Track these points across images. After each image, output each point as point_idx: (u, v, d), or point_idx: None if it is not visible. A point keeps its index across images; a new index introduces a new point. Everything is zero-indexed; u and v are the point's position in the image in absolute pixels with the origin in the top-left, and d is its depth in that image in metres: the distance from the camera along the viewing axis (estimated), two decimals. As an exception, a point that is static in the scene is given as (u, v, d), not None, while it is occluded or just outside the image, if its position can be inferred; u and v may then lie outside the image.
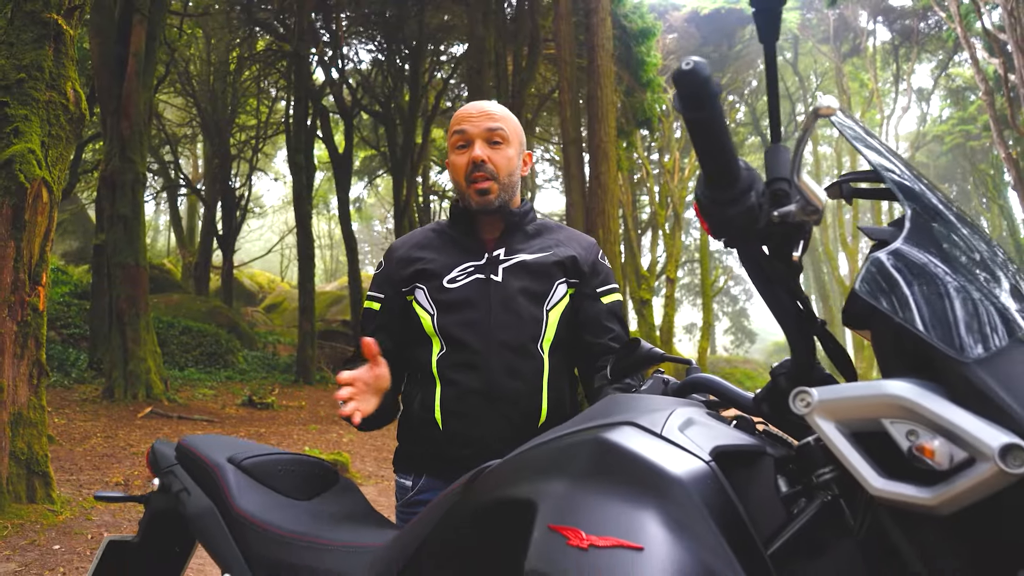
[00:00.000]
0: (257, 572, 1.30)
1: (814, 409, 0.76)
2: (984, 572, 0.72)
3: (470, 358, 1.63)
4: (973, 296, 0.75)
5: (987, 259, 0.81)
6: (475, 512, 1.03)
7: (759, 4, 0.79)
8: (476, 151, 1.68)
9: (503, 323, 1.63)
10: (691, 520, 0.80)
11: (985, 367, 0.70)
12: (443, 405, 1.62)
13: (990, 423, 0.67)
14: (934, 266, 0.76)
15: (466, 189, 1.70)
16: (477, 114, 1.72)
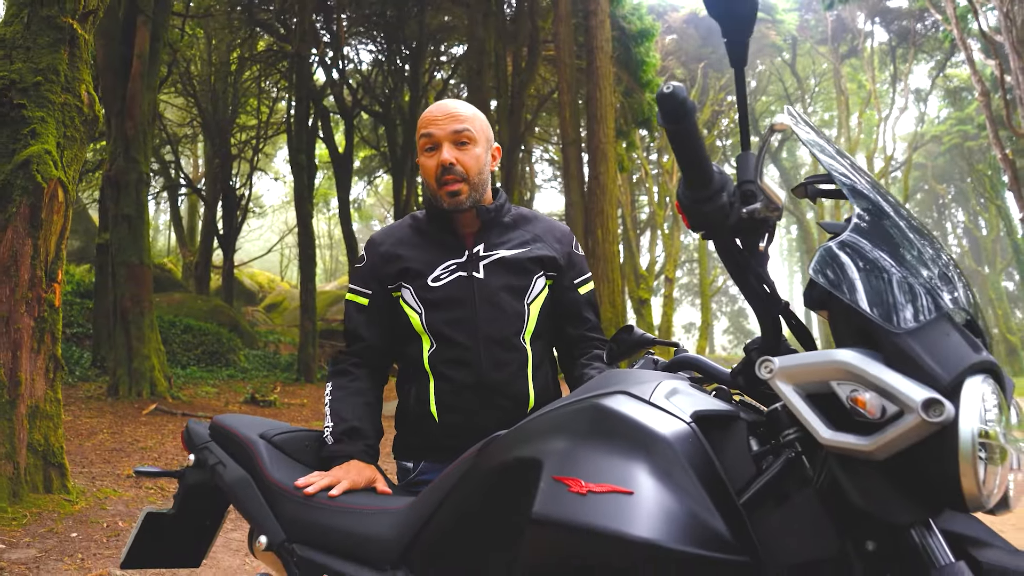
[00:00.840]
0: (289, 532, 1.45)
1: (775, 374, 0.91)
2: (915, 508, 0.86)
3: (460, 354, 1.73)
4: (907, 279, 0.90)
5: (922, 249, 0.96)
6: (487, 474, 1.18)
7: (730, 35, 0.93)
8: (444, 154, 1.73)
9: (488, 318, 1.73)
10: (674, 471, 0.95)
11: (914, 337, 0.85)
12: (438, 399, 1.73)
13: (916, 382, 0.82)
14: (875, 254, 0.91)
15: (437, 191, 1.77)
16: (443, 116, 1.77)
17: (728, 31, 0.95)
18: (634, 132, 20.44)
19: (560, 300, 1.84)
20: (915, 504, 0.86)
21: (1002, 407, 0.87)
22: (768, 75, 35.38)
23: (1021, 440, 0.92)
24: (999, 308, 42.34)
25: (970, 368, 0.84)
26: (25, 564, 3.79)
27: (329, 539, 1.40)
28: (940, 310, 0.88)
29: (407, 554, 1.29)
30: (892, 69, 32.95)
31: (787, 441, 1.00)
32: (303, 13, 17.24)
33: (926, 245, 0.97)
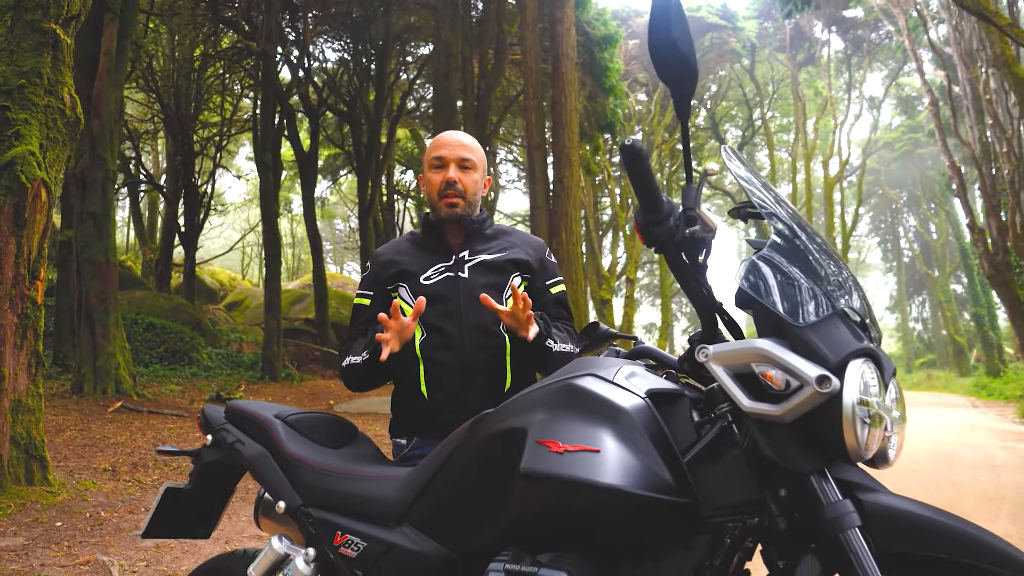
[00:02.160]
0: (305, 497, 1.68)
1: (710, 359, 1.18)
2: (814, 459, 1.14)
3: (447, 340, 2.02)
4: (810, 286, 1.17)
5: (825, 264, 1.24)
6: (480, 442, 1.43)
7: (675, 94, 1.20)
8: (450, 173, 2.08)
9: (471, 311, 2.02)
10: (632, 435, 1.22)
11: (812, 329, 1.13)
12: (427, 379, 2.02)
13: (812, 363, 1.09)
14: (787, 267, 1.19)
15: (438, 201, 2.10)
16: (453, 143, 2.13)
17: (675, 91, 1.22)
18: (598, 136, 20.79)
19: (535, 299, 2.11)
20: (813, 456, 1.13)
21: (880, 384, 1.15)
22: (728, 80, 36.05)
23: (896, 409, 1.20)
24: (948, 310, 43.66)
25: (853, 353, 1.12)
26: (14, 551, 3.94)
27: (341, 502, 1.63)
28: (834, 309, 1.16)
29: (409, 512, 1.53)
30: (847, 77, 33.86)
31: (720, 414, 1.26)
32: (270, 12, 17.26)
33: (829, 261, 1.25)
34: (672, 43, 1.19)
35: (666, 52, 1.20)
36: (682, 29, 1.19)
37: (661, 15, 1.19)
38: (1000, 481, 7.91)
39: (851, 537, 1.10)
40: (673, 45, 1.19)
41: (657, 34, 1.21)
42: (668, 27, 1.19)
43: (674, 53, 1.20)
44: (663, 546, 1.22)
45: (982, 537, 1.11)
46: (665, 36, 1.19)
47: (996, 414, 20.87)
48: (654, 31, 1.21)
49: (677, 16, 1.19)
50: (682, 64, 1.20)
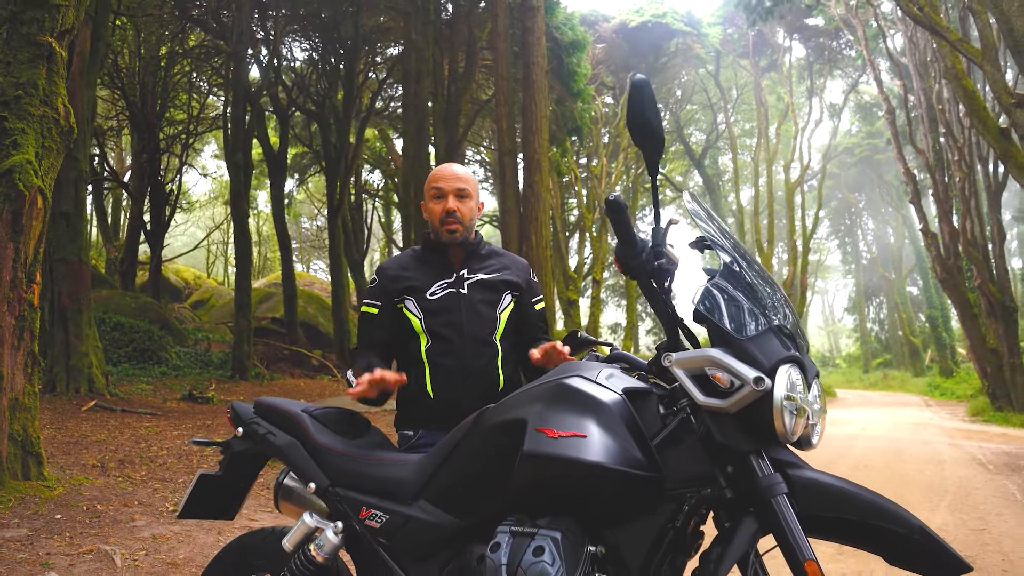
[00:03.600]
0: (333, 479, 1.96)
1: (673, 364, 1.51)
2: (752, 442, 1.46)
3: (450, 347, 2.32)
4: (751, 307, 1.50)
5: (763, 288, 1.57)
6: (484, 432, 1.74)
7: (646, 153, 1.53)
8: (449, 203, 2.38)
9: (471, 322, 2.33)
10: (612, 424, 1.54)
11: (751, 341, 1.46)
12: (433, 382, 2.32)
13: (750, 367, 1.42)
14: (733, 292, 1.52)
15: (439, 228, 2.40)
16: (450, 176, 2.43)
17: (646, 154, 1.55)
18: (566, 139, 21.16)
19: (522, 314, 2.45)
20: (752, 440, 1.47)
21: (804, 383, 1.49)
22: (692, 85, 36.70)
23: (817, 403, 1.53)
24: (904, 312, 44.87)
25: (782, 359, 1.46)
26: (19, 542, 4.15)
27: (364, 483, 1.93)
28: (769, 325, 1.49)
29: (424, 490, 1.84)
30: (808, 83, 34.67)
31: (681, 407, 1.59)
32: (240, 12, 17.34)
33: (766, 285, 1.59)
34: (645, 119, 1.54)
35: (639, 125, 1.55)
36: (652, 108, 1.54)
37: (636, 97, 1.53)
38: (944, 475, 8.40)
39: (780, 502, 1.44)
40: (646, 120, 1.54)
41: (633, 112, 1.55)
42: (642, 107, 1.54)
43: (646, 126, 1.54)
44: (635, 511, 1.54)
45: (883, 503, 1.45)
46: (640, 114, 1.54)
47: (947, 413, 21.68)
48: (631, 109, 1.55)
49: (649, 98, 1.54)
50: (652, 134, 1.55)
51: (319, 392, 16.81)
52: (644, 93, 1.55)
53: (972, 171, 19.95)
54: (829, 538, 1.51)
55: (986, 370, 20.06)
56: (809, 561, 1.39)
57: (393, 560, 1.81)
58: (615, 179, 33.45)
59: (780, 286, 1.66)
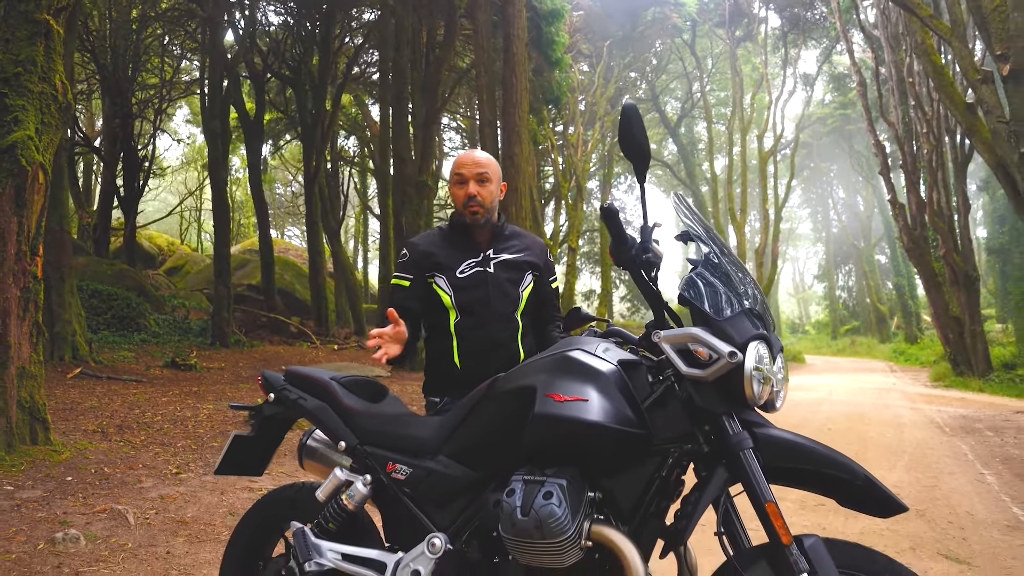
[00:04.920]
0: (361, 438, 2.22)
1: (661, 340, 1.80)
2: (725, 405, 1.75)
3: (477, 322, 2.55)
4: (727, 292, 1.79)
5: (738, 276, 1.86)
6: (498, 397, 2.02)
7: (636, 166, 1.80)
8: (470, 188, 2.57)
9: (496, 299, 2.56)
10: (609, 390, 1.82)
11: (727, 321, 1.74)
12: (460, 353, 2.54)
13: (726, 343, 1.71)
14: (712, 279, 1.80)
15: (463, 211, 2.60)
16: (471, 163, 2.61)
17: (635, 166, 1.83)
18: (543, 108, 21.27)
19: (539, 292, 2.69)
20: (726, 403, 1.76)
21: (770, 357, 1.78)
22: (668, 54, 36.82)
23: (780, 373, 1.82)
24: (871, 280, 45.79)
25: (752, 337, 1.74)
26: (36, 502, 4.39)
27: (390, 441, 2.20)
28: (742, 308, 1.78)
29: (444, 446, 2.11)
30: (783, 54, 34.92)
31: (667, 376, 1.87)
32: (218, -22, 17.15)
33: (740, 273, 1.87)
34: (634, 138, 1.84)
35: (629, 143, 1.85)
36: (640, 128, 1.85)
37: (626, 120, 1.84)
38: (903, 438, 8.88)
39: (747, 455, 1.74)
40: (635, 139, 1.84)
41: (624, 132, 1.85)
42: (631, 128, 1.85)
43: (635, 144, 1.84)
44: (628, 463, 1.83)
45: (834, 455, 1.75)
46: (629, 133, 1.84)
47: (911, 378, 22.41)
48: (622, 130, 1.85)
49: (637, 120, 1.84)
50: (639, 150, 1.84)
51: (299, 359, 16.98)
52: (633, 116, 1.84)
53: (940, 143, 20.41)
54: (789, 485, 1.81)
55: (948, 337, 20.75)
56: (769, 503, 1.69)
57: (417, 507, 2.09)
58: (591, 147, 33.62)
59: (750, 271, 1.94)
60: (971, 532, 4.61)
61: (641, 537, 1.81)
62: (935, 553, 4.14)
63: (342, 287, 26.56)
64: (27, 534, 3.94)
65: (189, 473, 5.42)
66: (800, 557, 1.65)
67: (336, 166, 30.46)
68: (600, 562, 1.81)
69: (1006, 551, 4.22)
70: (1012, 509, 5.24)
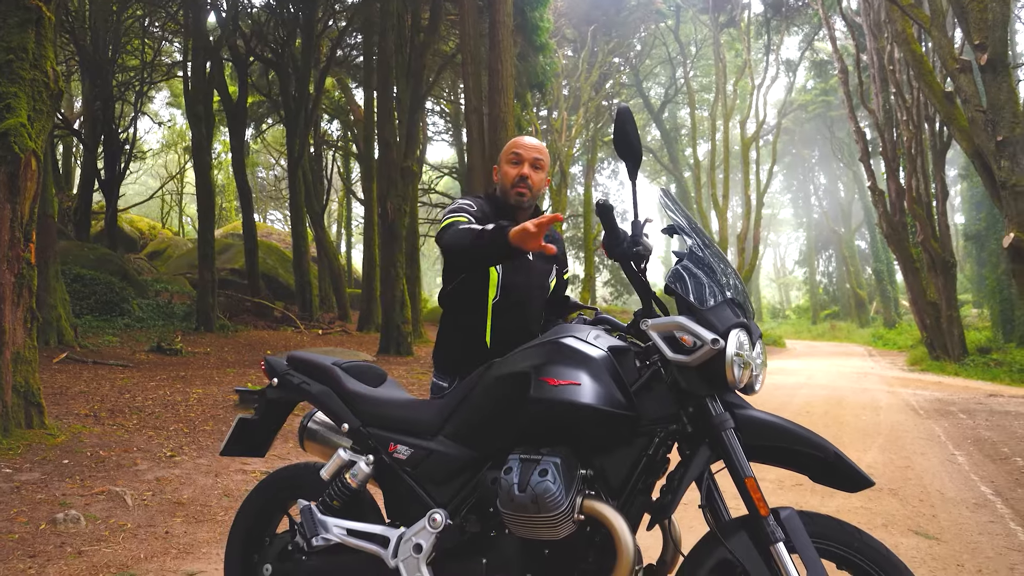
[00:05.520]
0: (363, 420, 2.34)
1: (648, 328, 1.93)
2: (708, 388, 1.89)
3: (514, 307, 2.61)
4: (711, 283, 1.92)
5: (720, 267, 1.98)
6: (493, 381, 2.14)
7: (628, 166, 1.92)
8: (525, 170, 2.62)
9: (532, 287, 2.66)
10: (599, 374, 1.95)
11: (710, 311, 1.88)
12: (493, 334, 2.60)
13: (709, 331, 1.84)
14: (696, 271, 1.93)
15: (510, 191, 2.62)
16: (530, 147, 2.66)
17: (627, 164, 1.95)
18: (527, 93, 21.30)
19: (557, 283, 2.80)
20: (708, 386, 1.89)
21: (750, 343, 1.91)
22: (652, 40, 36.87)
23: (759, 359, 1.96)
24: (851, 265, 46.28)
25: (733, 325, 1.87)
26: (35, 484, 4.48)
27: (390, 423, 2.32)
28: (724, 298, 1.91)
29: (443, 427, 2.24)
30: (766, 40, 35.07)
31: (653, 361, 2.00)
32: (199, -41, 16.99)
33: (722, 264, 2.00)
34: (628, 140, 1.96)
35: (624, 144, 1.97)
36: (634, 131, 1.97)
37: (621, 123, 1.96)
38: (879, 420, 9.11)
39: (728, 435, 1.87)
40: (628, 141, 1.96)
41: (618, 134, 1.97)
42: (625, 130, 1.96)
43: (628, 145, 1.96)
44: (617, 442, 1.96)
45: (807, 434, 1.89)
46: (624, 135, 1.95)
47: (888, 362, 22.79)
48: (617, 132, 1.97)
49: (631, 123, 1.96)
50: (632, 151, 1.96)
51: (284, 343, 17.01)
52: (627, 120, 1.97)
53: (919, 131, 20.67)
54: (766, 462, 1.95)
55: (925, 322, 21.11)
56: (748, 478, 1.83)
57: (418, 485, 2.21)
58: (575, 133, 33.69)
59: (730, 259, 2.07)
60: (941, 510, 4.80)
61: (629, 511, 1.94)
62: (906, 529, 4.33)
63: (326, 272, 26.57)
64: (28, 515, 4.03)
65: (183, 456, 5.52)
66: (776, 527, 1.79)
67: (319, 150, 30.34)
68: (591, 534, 1.94)
69: (973, 527, 4.42)
70: (980, 488, 5.45)
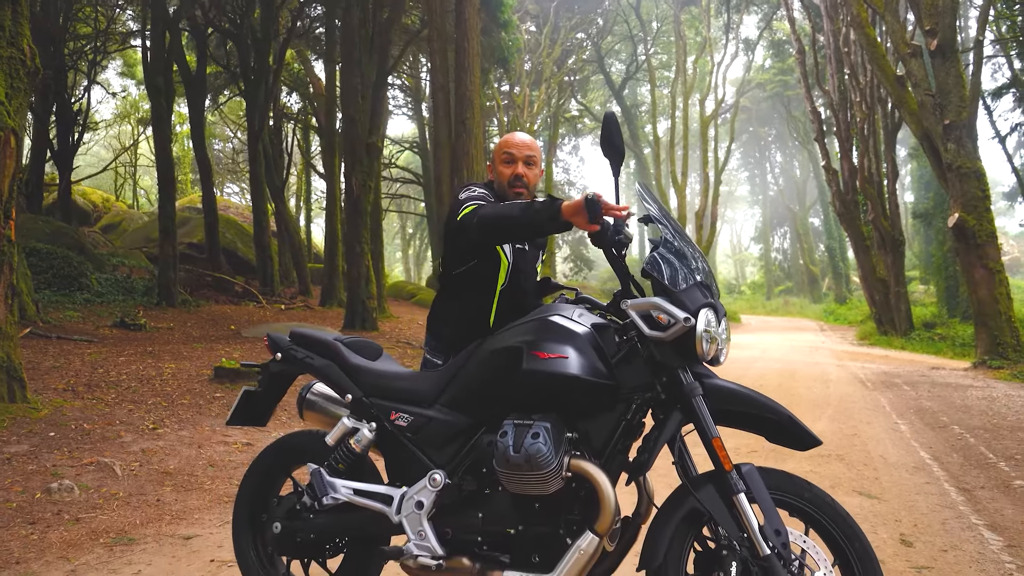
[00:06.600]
0: (365, 391, 2.55)
1: (628, 307, 2.18)
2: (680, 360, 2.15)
3: (516, 292, 2.79)
4: (683, 268, 2.17)
5: (690, 252, 2.24)
6: (488, 355, 2.37)
7: (612, 163, 2.15)
8: (519, 168, 2.77)
9: (527, 274, 2.85)
10: (584, 348, 2.20)
11: (682, 292, 2.14)
12: (497, 316, 2.76)
13: (681, 310, 2.10)
14: (670, 256, 2.18)
15: (508, 190, 2.77)
16: (521, 144, 2.81)
17: (611, 162, 2.18)
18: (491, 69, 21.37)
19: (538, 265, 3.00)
20: (680, 359, 2.15)
21: (716, 321, 2.17)
22: (614, 16, 37.02)
23: (724, 334, 2.22)
24: (805, 242, 47.37)
25: (702, 305, 2.13)
26: (25, 456, 4.61)
27: (391, 393, 2.54)
28: (695, 281, 2.17)
29: (440, 396, 2.47)
30: (726, 18, 35.47)
31: (631, 337, 2.26)
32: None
33: (692, 250, 2.26)
34: (613, 141, 2.18)
35: (609, 145, 2.19)
36: (618, 133, 2.19)
37: (607, 126, 2.18)
38: (829, 392, 9.57)
39: (697, 401, 2.14)
40: (613, 142, 2.18)
41: (605, 136, 2.19)
42: (610, 133, 2.18)
43: (613, 145, 2.18)
44: (599, 409, 2.22)
45: (765, 400, 2.17)
46: (609, 137, 2.17)
47: (839, 337, 23.57)
48: (603, 134, 2.19)
49: (616, 126, 2.19)
50: (616, 151, 2.19)
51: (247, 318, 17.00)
52: (613, 124, 2.20)
53: (872, 112, 21.26)
54: (730, 425, 2.22)
55: (874, 298, 21.88)
56: (715, 438, 2.11)
57: (418, 449, 2.45)
58: (537, 109, 33.80)
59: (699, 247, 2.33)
60: (883, 473, 5.19)
61: (610, 469, 2.20)
62: (851, 490, 4.70)
63: (286, 246, 26.43)
64: (23, 484, 4.18)
65: (165, 428, 5.67)
66: (739, 480, 2.08)
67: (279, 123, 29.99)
68: (576, 490, 2.20)
69: (911, 488, 4.81)
70: (920, 453, 5.87)
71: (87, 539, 3.60)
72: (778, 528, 2.05)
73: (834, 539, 2.09)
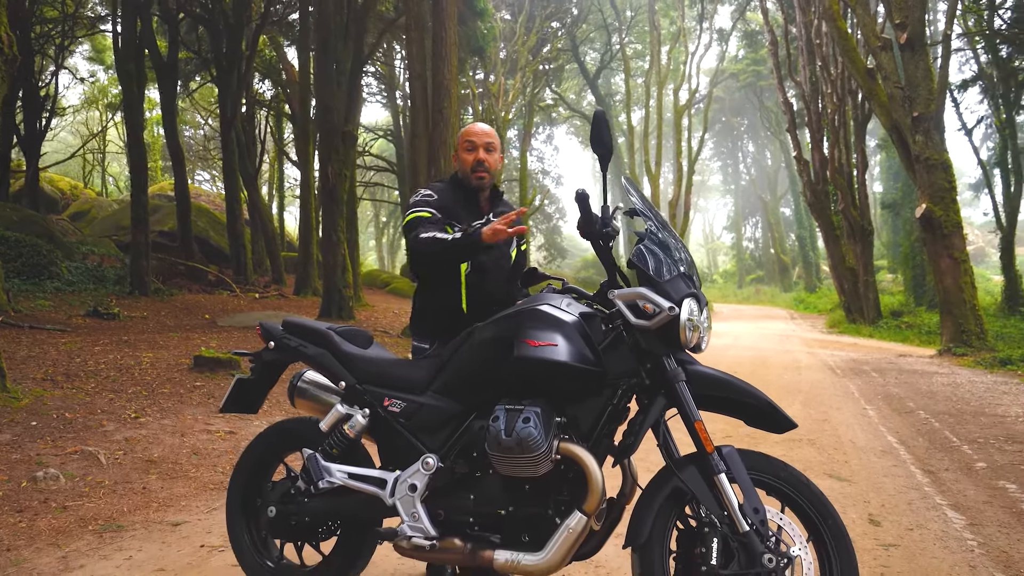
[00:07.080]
0: (359, 378, 2.62)
1: (614, 297, 2.27)
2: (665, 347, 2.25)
3: (485, 276, 2.90)
4: (667, 259, 2.27)
5: (673, 243, 2.34)
6: (478, 343, 2.46)
7: (600, 159, 2.24)
8: (480, 155, 2.90)
9: (498, 256, 2.94)
10: (572, 336, 2.29)
11: (667, 282, 2.24)
12: (468, 300, 2.88)
13: (666, 300, 2.20)
14: (655, 248, 2.28)
15: (470, 175, 2.91)
16: (480, 133, 2.95)
17: (600, 159, 2.27)
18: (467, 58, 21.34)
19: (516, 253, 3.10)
20: (664, 346, 2.25)
21: (699, 310, 2.27)
22: (589, 4, 37.02)
23: (706, 323, 2.32)
24: (776, 232, 47.91)
25: (686, 295, 2.23)
26: (8, 445, 4.62)
27: (384, 380, 2.61)
28: (678, 272, 2.27)
29: (432, 383, 2.55)
30: (700, 8, 35.65)
31: (617, 325, 2.35)
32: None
33: (676, 242, 2.36)
34: (602, 139, 2.27)
35: (598, 142, 2.28)
36: (607, 132, 2.28)
37: (596, 125, 2.27)
38: (800, 379, 9.78)
39: (680, 387, 2.24)
40: (603, 140, 2.27)
41: (595, 133, 2.27)
42: (600, 131, 2.27)
43: (602, 143, 2.27)
44: (587, 395, 2.31)
45: (744, 386, 2.28)
46: (599, 135, 2.26)
47: (809, 325, 23.95)
48: (593, 132, 2.28)
49: (605, 125, 2.27)
50: (605, 148, 2.28)
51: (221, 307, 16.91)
52: (602, 122, 2.29)
53: (843, 103, 21.56)
54: (711, 409, 2.33)
55: (844, 286, 22.26)
56: (697, 422, 2.21)
57: (411, 434, 2.53)
58: (512, 97, 33.77)
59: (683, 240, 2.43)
60: (852, 456, 5.37)
61: (597, 452, 2.30)
62: (822, 473, 4.86)
63: (259, 235, 26.23)
64: (8, 473, 4.20)
65: (147, 417, 5.69)
66: (719, 461, 2.19)
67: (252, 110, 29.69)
68: (565, 472, 2.30)
69: (879, 471, 4.99)
70: (887, 437, 6.06)
71: (76, 526, 3.64)
72: (756, 506, 2.17)
73: (808, 517, 2.22)
